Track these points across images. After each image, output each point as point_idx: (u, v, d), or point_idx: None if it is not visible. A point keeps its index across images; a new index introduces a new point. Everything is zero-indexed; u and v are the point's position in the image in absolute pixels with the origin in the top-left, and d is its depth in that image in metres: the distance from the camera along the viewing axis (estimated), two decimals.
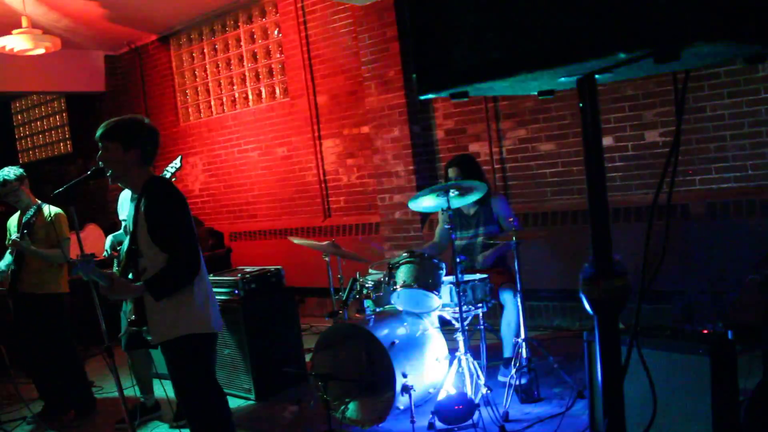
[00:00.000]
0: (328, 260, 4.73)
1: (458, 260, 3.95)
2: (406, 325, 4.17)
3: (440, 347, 4.23)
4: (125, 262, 3.06)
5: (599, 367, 1.36)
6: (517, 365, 4.08)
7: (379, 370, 3.91)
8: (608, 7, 1.03)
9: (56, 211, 4.64)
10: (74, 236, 3.83)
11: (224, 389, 4.72)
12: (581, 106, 1.28)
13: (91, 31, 7.71)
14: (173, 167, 4.28)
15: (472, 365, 3.91)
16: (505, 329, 4.41)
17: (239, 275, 4.86)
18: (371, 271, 4.72)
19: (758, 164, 4.76)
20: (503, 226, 4.61)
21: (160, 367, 4.06)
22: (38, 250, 4.52)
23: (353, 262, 4.93)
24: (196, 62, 8.45)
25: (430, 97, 1.32)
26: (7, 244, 4.78)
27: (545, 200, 5.81)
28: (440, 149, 6.38)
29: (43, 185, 4.86)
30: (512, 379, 4.04)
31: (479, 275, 4.22)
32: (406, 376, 3.80)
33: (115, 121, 3.06)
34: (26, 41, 5.63)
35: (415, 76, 1.32)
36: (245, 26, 7.81)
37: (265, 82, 7.76)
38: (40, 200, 4.70)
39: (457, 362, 3.94)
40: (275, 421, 4.36)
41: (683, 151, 4.93)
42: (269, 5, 7.53)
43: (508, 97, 5.83)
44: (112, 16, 7.23)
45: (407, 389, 3.73)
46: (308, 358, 4.90)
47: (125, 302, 4.04)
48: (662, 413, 2.60)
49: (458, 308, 3.95)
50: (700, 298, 4.79)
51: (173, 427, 4.42)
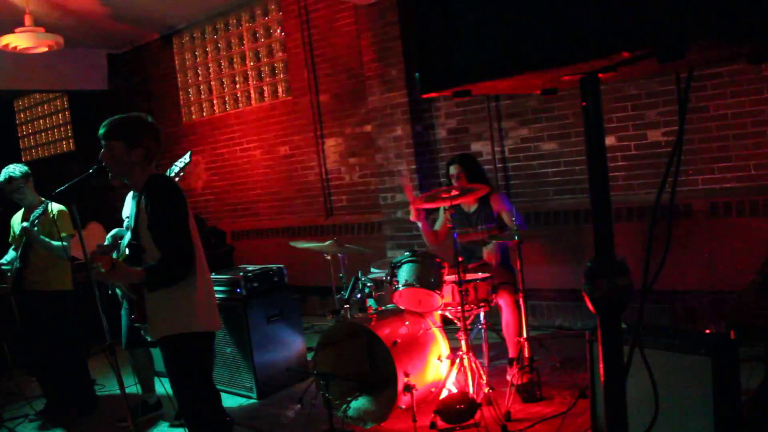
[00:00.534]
0: (330, 259, 4.73)
1: (459, 259, 3.95)
2: (408, 324, 4.17)
3: (442, 346, 4.23)
4: (128, 256, 3.06)
5: (601, 366, 1.36)
6: (519, 365, 4.08)
7: (381, 369, 3.92)
8: (612, 6, 1.02)
9: (60, 208, 4.65)
10: (76, 235, 3.84)
11: (226, 388, 4.80)
12: (584, 105, 1.28)
13: (93, 29, 7.71)
14: (182, 162, 4.22)
15: (474, 364, 3.91)
16: (504, 330, 4.41)
17: (241, 274, 4.87)
18: (373, 270, 4.72)
19: (761, 164, 4.75)
20: (505, 222, 4.59)
21: (160, 365, 4.06)
22: (44, 239, 4.53)
23: (355, 260, 4.92)
24: (198, 60, 8.45)
25: (432, 95, 1.32)
26: (9, 241, 4.79)
27: (547, 199, 5.80)
28: (442, 148, 6.38)
29: (45, 183, 4.86)
30: (514, 378, 4.04)
31: (481, 274, 4.22)
32: (408, 375, 3.80)
33: (118, 119, 3.04)
34: (29, 39, 5.63)
35: (417, 74, 1.31)
36: (248, 25, 7.81)
37: (267, 80, 7.76)
38: (44, 198, 4.71)
39: (459, 361, 3.94)
40: (277, 420, 4.36)
41: (686, 150, 4.92)
42: (272, 4, 7.53)
43: (510, 96, 5.82)
44: (114, 14, 7.24)
45: (409, 388, 3.73)
46: (310, 356, 4.91)
47: (125, 300, 4.05)
48: (664, 413, 2.60)
49: (460, 307, 3.95)
50: (702, 297, 4.78)
51: (174, 425, 4.43)
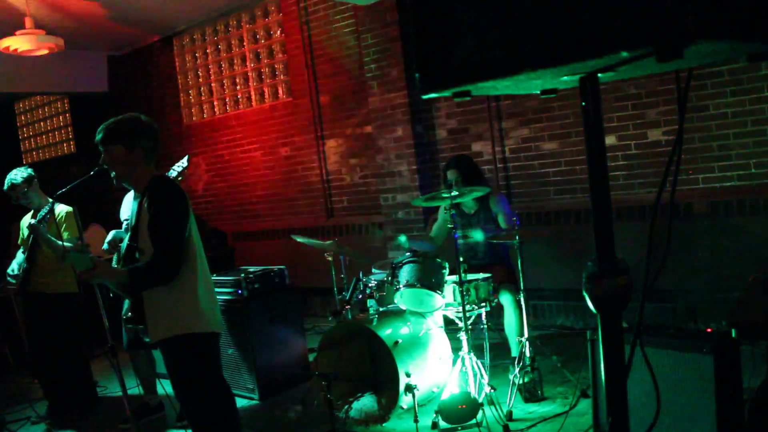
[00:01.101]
0: (331, 260, 4.73)
1: (461, 260, 3.95)
2: (409, 324, 4.17)
3: (444, 346, 4.23)
4: (123, 257, 3.06)
5: (603, 366, 1.36)
6: (520, 364, 4.08)
7: (382, 369, 3.92)
8: (611, 5, 1.02)
9: (66, 209, 4.65)
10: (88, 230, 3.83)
11: None
12: (584, 105, 1.28)
13: (94, 31, 7.72)
14: (180, 166, 4.21)
15: (475, 364, 3.92)
16: (507, 329, 4.41)
17: (243, 275, 4.87)
18: (374, 270, 4.72)
19: (761, 162, 4.75)
20: (504, 224, 4.60)
21: (162, 366, 4.06)
22: (51, 238, 4.53)
23: (356, 261, 4.93)
24: (199, 62, 8.46)
25: (432, 96, 1.32)
26: (19, 243, 4.79)
27: (548, 199, 5.80)
28: (443, 149, 6.38)
29: (46, 186, 4.86)
30: (516, 378, 4.04)
31: (482, 274, 4.22)
32: (409, 375, 3.81)
33: (113, 123, 3.03)
34: (29, 42, 5.64)
35: (417, 75, 1.31)
36: (248, 26, 7.81)
37: (267, 82, 7.76)
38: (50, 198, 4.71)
39: (460, 361, 3.94)
40: (279, 420, 4.36)
41: (686, 149, 4.92)
42: (272, 5, 7.53)
43: (510, 96, 5.82)
44: (115, 16, 7.25)
45: (411, 388, 3.73)
46: (312, 357, 4.91)
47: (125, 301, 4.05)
48: (666, 412, 2.60)
49: (461, 307, 3.95)
50: (703, 296, 4.78)
51: (176, 427, 4.43)
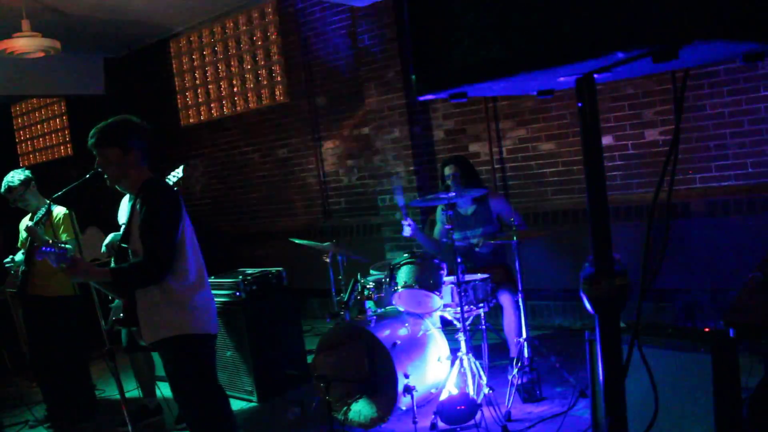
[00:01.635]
0: (329, 261, 4.73)
1: (458, 261, 3.95)
2: (407, 325, 4.17)
3: (442, 347, 4.23)
4: (116, 259, 3.05)
5: (601, 366, 1.36)
6: (519, 365, 4.08)
7: (381, 370, 3.91)
8: (606, 6, 1.03)
9: (63, 211, 4.64)
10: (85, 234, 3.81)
11: (226, 391, 4.78)
12: (580, 105, 1.28)
13: (91, 34, 7.70)
14: (174, 176, 4.16)
15: (474, 365, 3.92)
16: (506, 330, 4.41)
17: (240, 277, 4.86)
18: (372, 271, 4.72)
19: (758, 162, 4.76)
20: (505, 225, 4.61)
21: (160, 369, 4.06)
22: (48, 239, 4.52)
23: (354, 263, 4.92)
24: (196, 64, 8.45)
25: (428, 98, 1.32)
26: (18, 246, 4.78)
27: (545, 200, 5.80)
28: (440, 150, 6.38)
29: (44, 188, 4.86)
30: (514, 378, 4.04)
31: (480, 275, 4.22)
32: (408, 376, 3.80)
33: (106, 126, 3.01)
34: (26, 44, 5.63)
35: (413, 77, 1.31)
36: (244, 28, 7.81)
37: (264, 83, 7.76)
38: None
39: (459, 362, 3.94)
40: (277, 422, 4.36)
41: (683, 149, 4.93)
42: (268, 7, 7.52)
43: (507, 97, 5.83)
44: (111, 18, 7.24)
45: (409, 390, 3.73)
46: (310, 359, 4.91)
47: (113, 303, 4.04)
48: (664, 412, 2.60)
49: (460, 308, 3.95)
50: (701, 296, 4.78)
51: (175, 429, 4.43)
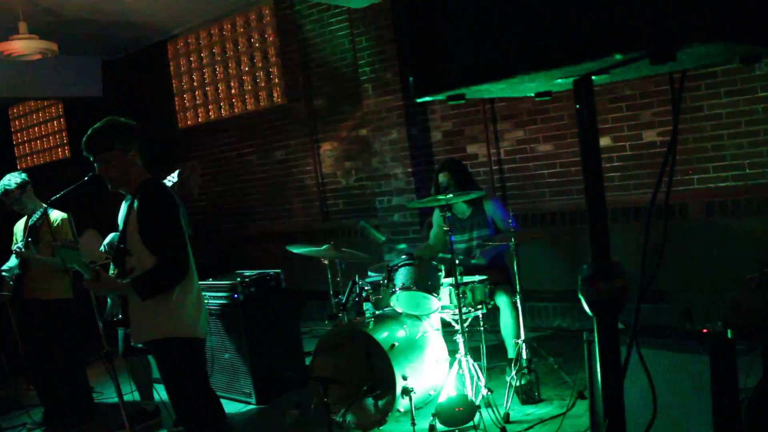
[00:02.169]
0: (327, 263, 4.72)
1: (456, 262, 3.95)
2: (405, 327, 4.17)
3: (440, 349, 4.23)
4: (114, 259, 3.06)
5: (599, 367, 1.36)
6: (517, 366, 4.08)
7: (379, 372, 3.91)
8: (604, 8, 1.03)
9: (62, 216, 4.63)
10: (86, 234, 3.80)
11: (224, 393, 4.78)
12: (578, 107, 1.28)
13: (88, 36, 7.70)
14: (170, 181, 4.17)
15: (472, 367, 3.91)
16: (504, 331, 4.41)
17: (238, 279, 4.86)
18: (370, 273, 4.72)
19: (756, 163, 4.76)
20: (500, 227, 4.61)
21: (157, 372, 4.05)
22: (41, 258, 4.51)
23: (353, 264, 4.92)
24: (193, 66, 8.44)
25: (426, 100, 1.32)
26: (12, 249, 4.77)
27: (543, 201, 5.81)
28: (438, 151, 6.38)
29: (41, 191, 4.84)
30: (513, 380, 4.04)
31: (478, 276, 4.22)
32: (406, 378, 3.80)
33: (100, 131, 2.98)
34: (24, 47, 5.62)
35: (411, 79, 1.31)
36: (242, 29, 7.81)
37: (262, 85, 7.75)
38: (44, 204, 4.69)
39: (457, 364, 3.94)
40: (276, 425, 4.35)
41: (681, 150, 4.94)
42: (266, 8, 7.53)
43: (505, 98, 5.83)
44: (109, 21, 7.23)
45: (408, 392, 3.72)
46: (308, 361, 4.90)
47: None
48: (662, 413, 2.60)
49: (458, 310, 3.95)
50: (699, 297, 4.79)
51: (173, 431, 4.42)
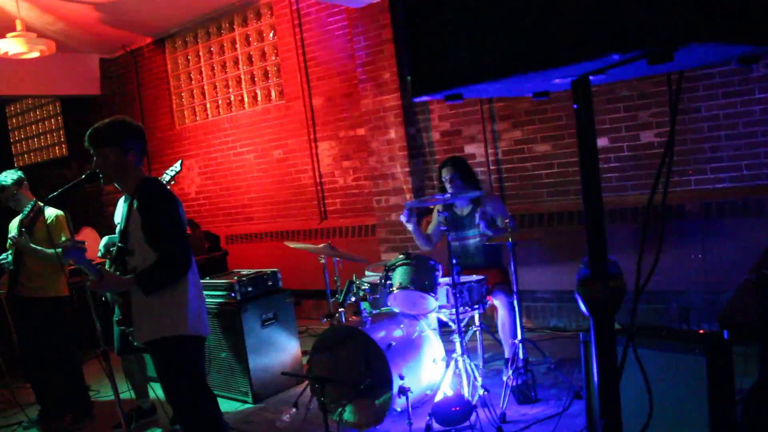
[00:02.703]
0: (324, 262, 4.72)
1: (453, 262, 3.95)
2: (402, 327, 4.17)
3: (437, 349, 4.23)
4: (114, 259, 3.06)
5: (595, 367, 1.36)
6: (514, 366, 4.08)
7: (376, 372, 3.91)
8: (601, 8, 1.03)
9: (57, 213, 4.62)
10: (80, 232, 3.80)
11: (221, 392, 4.79)
12: (576, 107, 1.28)
13: (85, 34, 7.69)
14: (173, 171, 4.24)
15: (469, 367, 3.91)
16: (501, 331, 4.42)
17: (236, 278, 4.86)
18: (368, 273, 4.72)
19: (753, 164, 4.77)
20: (500, 226, 4.61)
21: (153, 370, 4.05)
22: (36, 247, 4.49)
23: (350, 264, 4.92)
24: (191, 65, 8.44)
25: (424, 99, 1.32)
26: (8, 246, 4.76)
27: (541, 201, 5.81)
28: (436, 151, 6.38)
29: (38, 189, 4.84)
30: (509, 380, 4.04)
31: (475, 276, 4.22)
32: (403, 378, 3.80)
33: (104, 126, 3.02)
34: (21, 45, 5.61)
35: (409, 78, 1.31)
36: (240, 29, 7.80)
37: (260, 84, 7.75)
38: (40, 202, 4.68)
39: (454, 364, 3.94)
40: (272, 424, 4.35)
41: (678, 151, 4.94)
42: (264, 8, 7.52)
43: (503, 98, 5.83)
44: (106, 18, 7.22)
45: (404, 391, 3.73)
46: (305, 360, 4.90)
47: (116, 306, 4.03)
48: (659, 413, 2.60)
49: (455, 310, 3.95)
50: (696, 298, 4.80)
51: (169, 430, 4.42)
